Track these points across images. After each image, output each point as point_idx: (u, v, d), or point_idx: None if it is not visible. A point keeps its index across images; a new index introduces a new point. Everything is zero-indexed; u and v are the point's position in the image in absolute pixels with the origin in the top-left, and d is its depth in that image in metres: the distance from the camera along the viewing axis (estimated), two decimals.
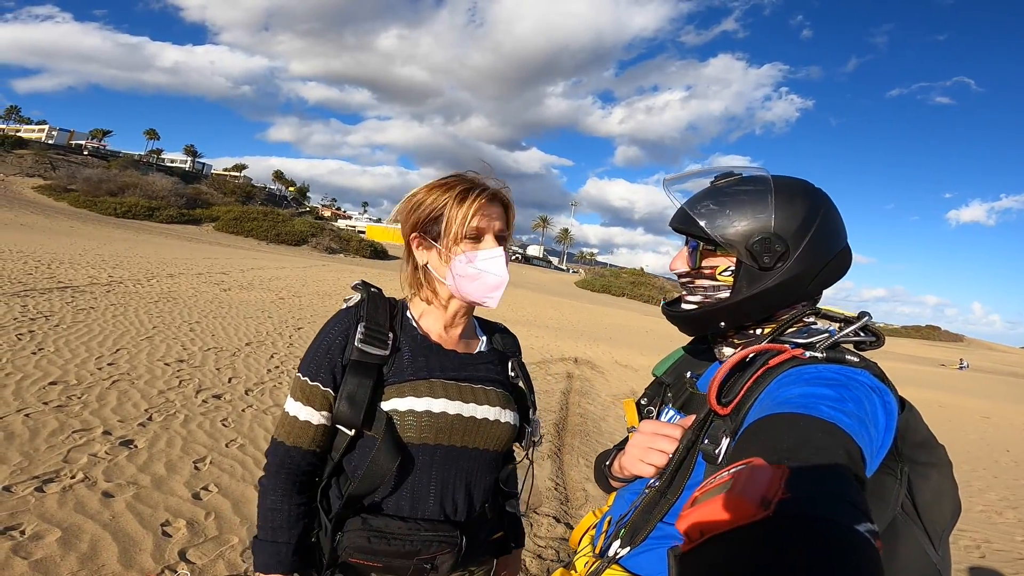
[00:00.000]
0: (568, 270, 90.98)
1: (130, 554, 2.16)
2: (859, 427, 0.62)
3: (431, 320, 1.08)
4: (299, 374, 1.00)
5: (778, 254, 0.81)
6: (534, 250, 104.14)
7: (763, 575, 0.39)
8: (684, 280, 0.92)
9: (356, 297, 1.05)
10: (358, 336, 0.98)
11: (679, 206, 0.90)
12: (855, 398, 0.67)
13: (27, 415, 3.21)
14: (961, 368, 32.72)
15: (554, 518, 3.19)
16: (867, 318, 0.81)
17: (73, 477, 2.63)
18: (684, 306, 0.93)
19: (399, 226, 1.08)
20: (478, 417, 1.02)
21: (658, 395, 1.06)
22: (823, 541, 0.41)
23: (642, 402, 1.07)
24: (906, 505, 0.76)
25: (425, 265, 1.05)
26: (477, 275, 1.00)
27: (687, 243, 0.92)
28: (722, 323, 0.87)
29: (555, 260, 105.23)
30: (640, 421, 1.04)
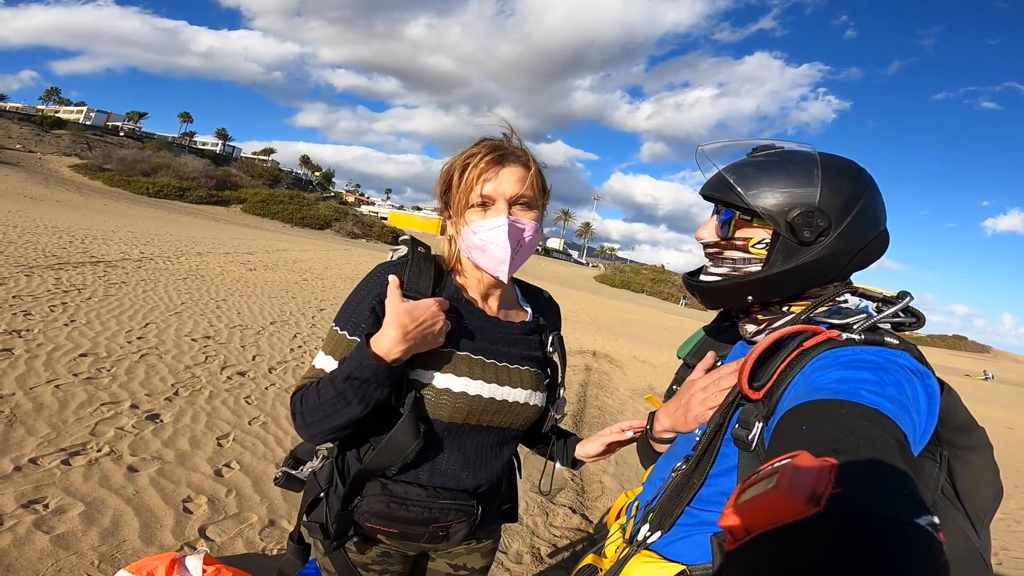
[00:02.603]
0: (588, 264, 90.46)
1: (151, 530, 2.18)
2: (901, 412, 0.59)
3: (470, 289, 1.04)
4: (333, 325, 0.97)
5: (820, 229, 0.77)
6: (554, 243, 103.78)
7: (816, 574, 0.36)
8: (711, 251, 0.88)
9: (403, 250, 1.01)
10: None
11: (717, 171, 0.86)
12: (896, 382, 0.63)
13: (57, 386, 3.28)
14: (986, 379, 31.84)
15: (570, 508, 3.16)
16: (908, 299, 0.77)
17: (99, 451, 2.66)
18: (707, 277, 0.89)
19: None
20: (510, 400, 1.01)
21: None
22: (881, 537, 0.37)
23: (674, 388, 1.05)
24: (946, 489, 0.74)
25: (452, 236, 1.03)
26: (483, 246, 0.95)
27: (717, 212, 0.88)
28: (749, 297, 0.83)
29: (575, 254, 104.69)
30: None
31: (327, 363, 0.95)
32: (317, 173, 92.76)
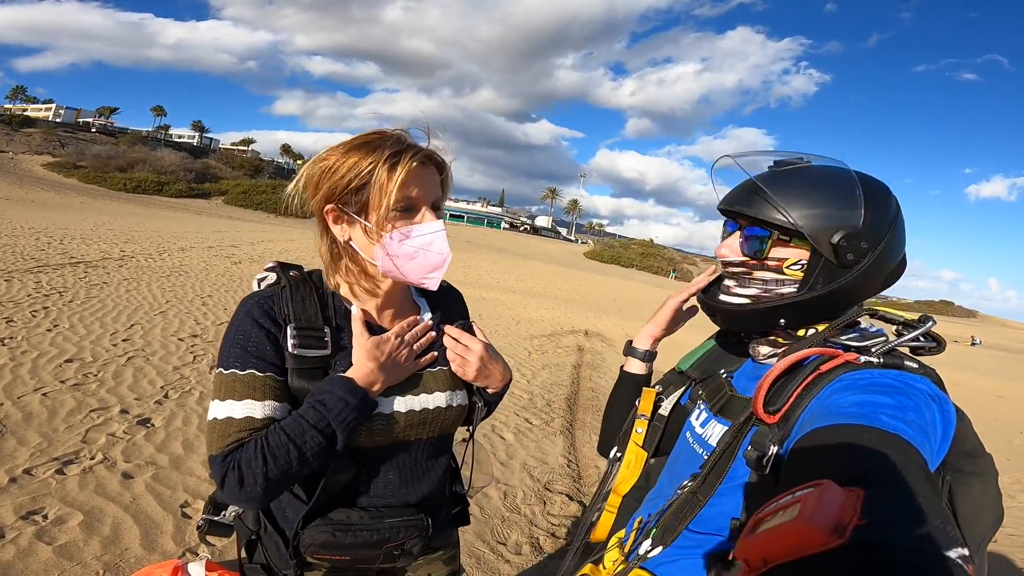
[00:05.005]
0: (577, 241, 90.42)
1: (152, 537, 2.18)
2: (921, 437, 0.58)
3: (362, 302, 0.96)
4: (220, 370, 0.85)
5: (862, 252, 0.76)
6: (543, 221, 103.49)
7: None
8: (739, 271, 0.84)
9: (270, 277, 0.94)
10: (291, 341, 0.86)
11: (745, 184, 0.82)
12: (915, 407, 0.63)
13: (44, 394, 3.23)
14: (973, 344, 32.45)
15: (567, 496, 3.19)
16: (930, 323, 0.76)
17: (92, 458, 2.64)
18: (731, 299, 0.85)
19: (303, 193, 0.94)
20: (430, 408, 0.97)
21: (675, 385, 1.02)
22: (909, 571, 0.36)
23: (658, 387, 1.05)
24: None
25: (348, 242, 0.91)
26: (415, 254, 0.88)
27: (740, 229, 0.83)
28: (782, 320, 0.81)
29: (564, 231, 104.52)
30: (652, 410, 1.03)
31: (252, 409, 0.83)
32: (299, 161, 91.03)
